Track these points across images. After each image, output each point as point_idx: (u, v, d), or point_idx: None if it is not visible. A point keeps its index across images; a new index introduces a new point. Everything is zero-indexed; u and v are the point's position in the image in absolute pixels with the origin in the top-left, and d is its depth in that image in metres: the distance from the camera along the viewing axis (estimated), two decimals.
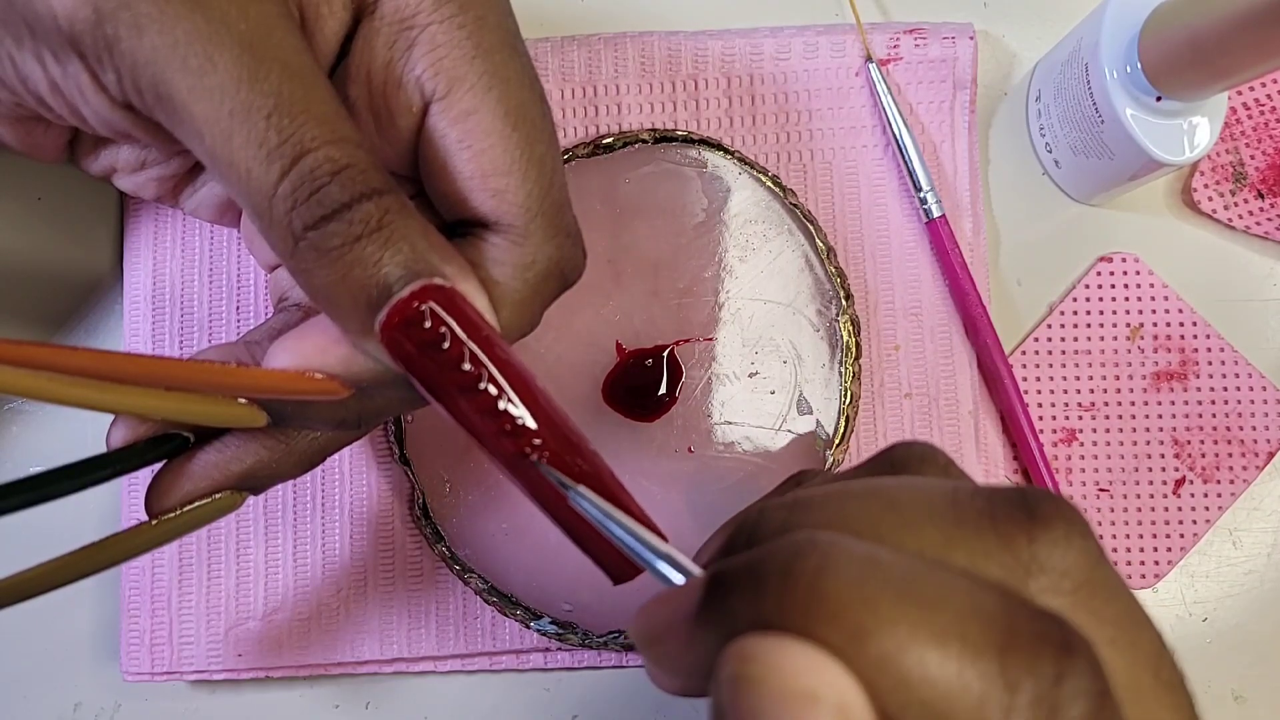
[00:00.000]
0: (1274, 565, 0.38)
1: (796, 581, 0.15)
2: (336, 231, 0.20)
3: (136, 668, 0.34)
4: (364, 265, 0.20)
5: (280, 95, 0.20)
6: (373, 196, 0.21)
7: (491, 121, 0.23)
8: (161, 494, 0.24)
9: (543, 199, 0.23)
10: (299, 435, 0.25)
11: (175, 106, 0.20)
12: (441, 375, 0.21)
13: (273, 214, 0.20)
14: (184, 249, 0.36)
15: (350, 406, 0.23)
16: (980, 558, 0.16)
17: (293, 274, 0.21)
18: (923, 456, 0.21)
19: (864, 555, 0.15)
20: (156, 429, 0.23)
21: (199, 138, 0.20)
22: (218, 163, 0.20)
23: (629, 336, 0.35)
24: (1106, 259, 0.38)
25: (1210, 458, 0.37)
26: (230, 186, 0.21)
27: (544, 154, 0.24)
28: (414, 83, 0.23)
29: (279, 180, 0.20)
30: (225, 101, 0.20)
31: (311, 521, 0.35)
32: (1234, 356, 0.38)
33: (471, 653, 0.35)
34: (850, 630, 0.14)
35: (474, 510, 0.34)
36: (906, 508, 0.17)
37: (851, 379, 0.35)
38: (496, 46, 0.23)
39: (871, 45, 0.37)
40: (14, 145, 0.27)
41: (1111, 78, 0.34)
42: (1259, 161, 0.38)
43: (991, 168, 0.39)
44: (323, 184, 0.20)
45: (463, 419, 0.21)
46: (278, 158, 0.20)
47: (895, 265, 0.37)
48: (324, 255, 0.20)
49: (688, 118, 0.37)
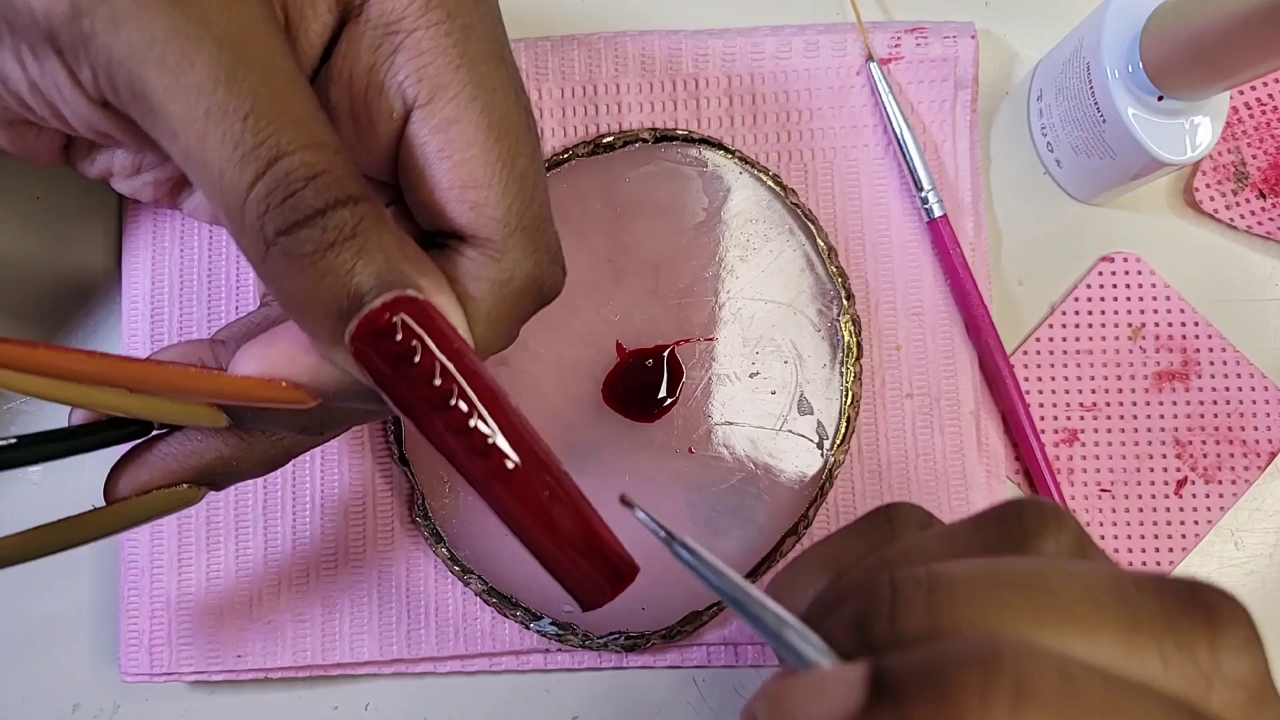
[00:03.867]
0: (1276, 566, 0.38)
1: (995, 705, 0.14)
2: (309, 238, 0.20)
3: (135, 668, 0.34)
4: (335, 274, 0.20)
5: (258, 97, 0.20)
6: (348, 204, 0.20)
7: (474, 132, 0.22)
8: (119, 481, 0.24)
9: (522, 214, 0.23)
10: (261, 436, 0.24)
11: (150, 105, 0.20)
12: (411, 390, 0.20)
13: (244, 218, 0.20)
14: (183, 249, 0.36)
15: (313, 414, 0.23)
16: (1160, 666, 0.16)
17: (263, 280, 0.21)
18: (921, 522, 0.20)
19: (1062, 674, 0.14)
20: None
21: (173, 137, 0.20)
22: (191, 163, 0.20)
23: (629, 336, 0.35)
24: (1108, 259, 0.38)
25: (1212, 458, 0.37)
26: (203, 188, 0.20)
27: (526, 168, 0.23)
28: (396, 88, 0.23)
29: (253, 183, 0.20)
30: (201, 101, 0.19)
31: (311, 522, 0.35)
32: (1236, 357, 0.37)
33: (471, 654, 0.35)
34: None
35: (474, 511, 0.34)
36: (1074, 604, 0.16)
37: (853, 379, 0.35)
38: (483, 56, 0.23)
39: (873, 44, 0.37)
40: (8, 149, 0.26)
41: (1113, 77, 0.33)
42: (1261, 161, 0.38)
43: (993, 167, 0.39)
44: (297, 189, 0.20)
45: (431, 436, 0.21)
46: (252, 160, 0.20)
47: (896, 265, 0.37)
48: (295, 262, 0.20)
49: (688, 117, 0.37)
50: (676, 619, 0.34)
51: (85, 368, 0.20)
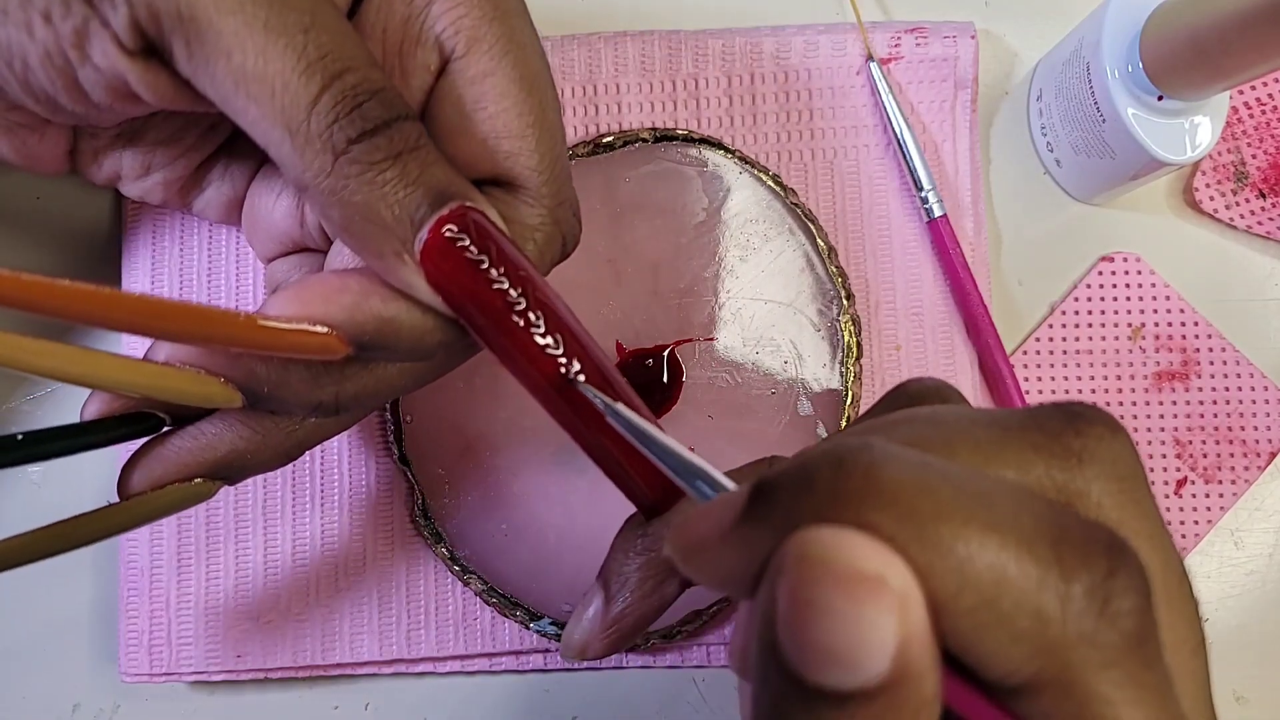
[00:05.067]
0: (1275, 566, 0.38)
1: (850, 472, 0.14)
2: (380, 145, 0.20)
3: (135, 669, 0.34)
4: (407, 181, 0.21)
5: (316, 14, 0.20)
6: (410, 119, 0.21)
7: (507, 85, 0.23)
8: (133, 476, 0.24)
9: (553, 164, 0.24)
10: (276, 426, 0.24)
11: (200, 26, 0.20)
12: (483, 295, 0.21)
13: (310, 128, 0.20)
14: (182, 249, 0.36)
15: (330, 387, 0.23)
16: (1030, 454, 0.16)
17: (323, 198, 0.21)
18: (940, 391, 0.20)
19: (918, 456, 0.15)
20: (131, 405, 0.23)
21: (226, 56, 0.20)
22: (247, 81, 0.20)
23: (629, 336, 0.35)
24: (1108, 258, 0.38)
25: (1212, 458, 0.37)
26: (256, 107, 0.20)
27: (554, 122, 0.24)
28: (433, 41, 0.23)
29: (318, 95, 0.20)
30: (259, 14, 0.20)
31: (310, 522, 0.35)
32: (1235, 356, 0.37)
33: (471, 654, 0.35)
34: (907, 518, 0.14)
35: (474, 511, 0.34)
36: (951, 424, 0.17)
37: (853, 379, 0.35)
38: (512, 12, 0.24)
39: (872, 44, 0.37)
40: (11, 158, 0.26)
41: (1113, 77, 0.33)
42: (1260, 161, 0.38)
43: (993, 167, 0.39)
44: (364, 100, 0.20)
45: (502, 342, 0.21)
46: (318, 71, 0.20)
47: (896, 265, 0.37)
48: (368, 169, 0.20)
49: (688, 117, 0.37)
50: (676, 619, 0.34)
51: (120, 306, 0.19)
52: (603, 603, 0.24)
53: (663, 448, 0.19)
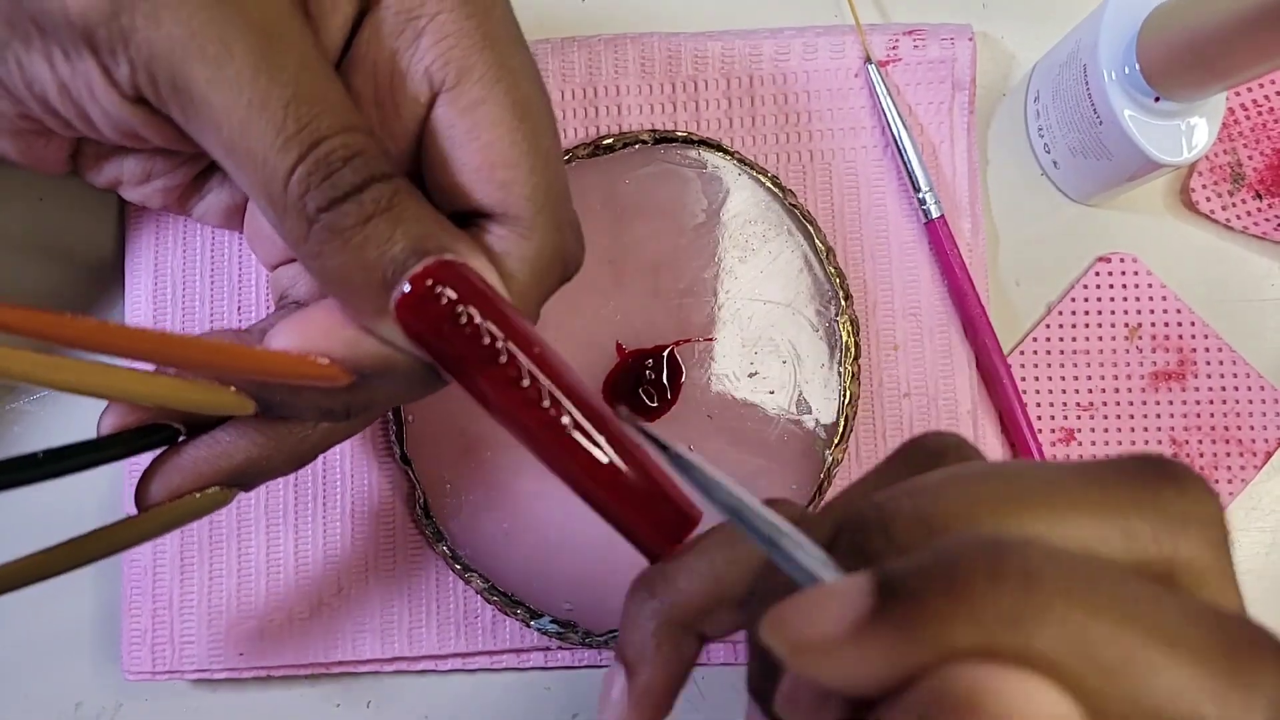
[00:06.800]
0: (1272, 564, 0.38)
1: (1007, 578, 0.13)
2: (350, 211, 0.21)
3: (138, 667, 0.35)
4: (377, 243, 0.21)
5: (299, 84, 0.20)
6: (383, 179, 0.21)
7: (499, 113, 0.23)
8: (151, 486, 0.24)
9: (548, 191, 0.24)
10: (289, 432, 0.25)
11: (192, 97, 0.21)
12: (460, 349, 0.21)
13: (287, 199, 0.21)
14: (185, 249, 0.36)
15: (339, 397, 0.23)
16: (1132, 513, 0.16)
17: (305, 261, 0.22)
18: (959, 449, 0.19)
19: (1072, 556, 0.14)
20: (147, 418, 0.23)
21: (215, 129, 0.21)
22: (234, 153, 0.21)
23: (629, 336, 0.35)
24: (1105, 259, 0.38)
25: (1208, 457, 0.37)
26: (243, 175, 0.21)
27: (549, 147, 0.24)
28: (422, 73, 0.23)
29: (294, 165, 0.20)
30: (244, 91, 0.20)
31: (313, 521, 0.35)
32: (1232, 356, 0.38)
33: (472, 651, 0.35)
34: (1079, 645, 0.13)
35: (475, 510, 0.34)
36: (1031, 478, 0.16)
37: (850, 379, 0.35)
38: (503, 38, 0.23)
39: (870, 46, 0.37)
40: (16, 158, 0.26)
41: (1110, 78, 0.34)
42: (1257, 162, 0.39)
43: (990, 168, 0.39)
44: (336, 168, 0.21)
45: (484, 393, 0.21)
46: (295, 145, 0.20)
47: (894, 265, 0.37)
48: (337, 235, 0.21)
49: (687, 118, 0.37)
50: None
51: (123, 341, 0.20)
52: (626, 678, 0.22)
53: (749, 510, 0.17)
